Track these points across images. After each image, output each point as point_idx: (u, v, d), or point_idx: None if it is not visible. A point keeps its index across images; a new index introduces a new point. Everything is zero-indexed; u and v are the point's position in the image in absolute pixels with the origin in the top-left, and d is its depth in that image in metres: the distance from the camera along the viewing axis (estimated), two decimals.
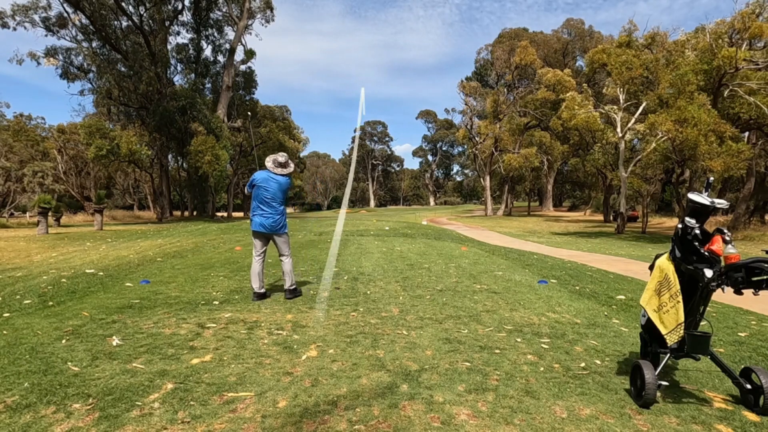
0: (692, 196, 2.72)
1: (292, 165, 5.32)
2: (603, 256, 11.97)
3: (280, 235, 5.19)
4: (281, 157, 5.23)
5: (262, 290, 5.21)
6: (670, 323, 2.71)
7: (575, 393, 2.76)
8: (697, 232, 2.68)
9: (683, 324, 2.66)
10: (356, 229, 19.64)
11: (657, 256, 2.97)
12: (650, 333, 2.96)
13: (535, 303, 5.31)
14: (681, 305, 2.67)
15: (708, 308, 5.35)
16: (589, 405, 2.60)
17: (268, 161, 5.20)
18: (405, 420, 2.37)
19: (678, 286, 2.70)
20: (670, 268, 2.76)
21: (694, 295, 2.70)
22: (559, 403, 2.61)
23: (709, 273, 2.51)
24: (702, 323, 2.84)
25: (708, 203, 2.65)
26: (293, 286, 5.26)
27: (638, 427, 2.37)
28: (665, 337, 2.73)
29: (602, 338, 3.96)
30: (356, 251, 10.43)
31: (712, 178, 3.11)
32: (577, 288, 6.38)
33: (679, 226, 2.76)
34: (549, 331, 4.13)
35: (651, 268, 3.01)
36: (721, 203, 2.69)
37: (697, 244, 2.66)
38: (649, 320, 2.91)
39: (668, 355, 2.76)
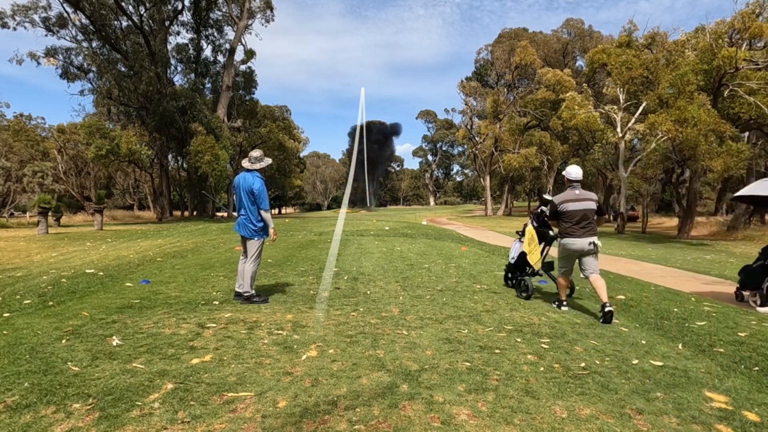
0: (545, 196, 5.61)
1: (267, 159, 5.24)
2: (603, 256, 11.94)
3: (249, 239, 5.07)
4: (255, 152, 5.16)
5: (239, 290, 5.14)
6: (535, 259, 5.62)
7: (575, 393, 2.76)
8: (547, 213, 5.31)
9: (541, 259, 5.65)
10: (356, 229, 19.63)
11: (525, 225, 5.86)
12: (520, 268, 5.91)
13: (535, 303, 5.32)
14: (539, 249, 5.65)
15: (708, 308, 5.36)
16: (589, 405, 2.60)
17: (244, 161, 5.14)
18: (405, 420, 2.37)
19: (537, 240, 5.65)
20: (532, 231, 5.68)
21: (544, 244, 5.72)
22: (559, 403, 2.61)
23: (551, 233, 5.33)
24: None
25: (549, 198, 5.26)
26: (246, 292, 5.06)
27: (638, 427, 2.37)
28: (533, 266, 5.64)
29: (602, 338, 3.96)
30: (356, 251, 10.43)
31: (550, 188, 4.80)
32: (577, 288, 6.37)
33: (538, 210, 5.78)
34: (549, 331, 4.14)
35: (523, 233, 5.83)
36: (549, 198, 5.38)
37: (545, 218, 5.56)
38: (518, 259, 5.90)
39: (528, 276, 5.66)
